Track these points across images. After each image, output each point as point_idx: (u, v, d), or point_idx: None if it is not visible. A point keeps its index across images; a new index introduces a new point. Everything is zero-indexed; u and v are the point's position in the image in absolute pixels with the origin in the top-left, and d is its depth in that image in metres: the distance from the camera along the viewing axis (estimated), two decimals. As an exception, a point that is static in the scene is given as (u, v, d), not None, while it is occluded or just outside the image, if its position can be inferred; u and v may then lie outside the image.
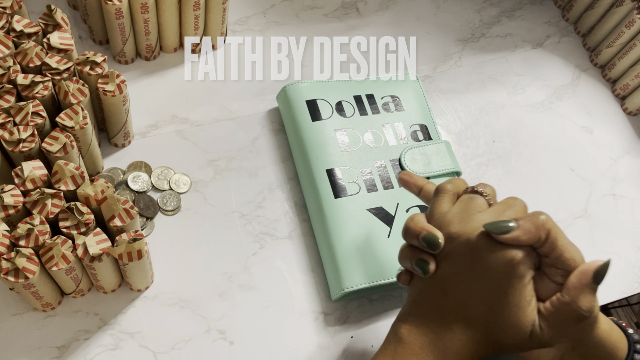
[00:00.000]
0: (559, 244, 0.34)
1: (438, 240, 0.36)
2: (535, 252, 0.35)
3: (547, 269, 0.35)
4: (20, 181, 0.40)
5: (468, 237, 0.35)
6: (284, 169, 0.55)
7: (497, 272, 0.34)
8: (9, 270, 0.38)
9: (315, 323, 0.48)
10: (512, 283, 0.34)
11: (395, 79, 0.59)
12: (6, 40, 0.43)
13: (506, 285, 0.34)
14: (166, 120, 0.55)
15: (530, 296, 0.34)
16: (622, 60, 0.65)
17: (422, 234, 0.36)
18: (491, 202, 0.38)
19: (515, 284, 0.34)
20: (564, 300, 0.33)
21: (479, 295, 0.35)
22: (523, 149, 0.61)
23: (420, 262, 0.36)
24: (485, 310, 0.34)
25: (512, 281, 0.34)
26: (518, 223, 0.34)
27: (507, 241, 0.34)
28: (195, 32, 0.57)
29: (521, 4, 0.72)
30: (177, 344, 0.45)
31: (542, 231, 0.34)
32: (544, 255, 0.35)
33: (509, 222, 0.34)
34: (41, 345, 0.44)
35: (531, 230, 0.34)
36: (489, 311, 0.34)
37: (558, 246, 0.34)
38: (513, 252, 0.34)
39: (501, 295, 0.34)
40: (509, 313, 0.34)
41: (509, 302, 0.34)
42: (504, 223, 0.34)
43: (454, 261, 0.36)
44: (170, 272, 0.48)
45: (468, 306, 0.35)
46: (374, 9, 0.67)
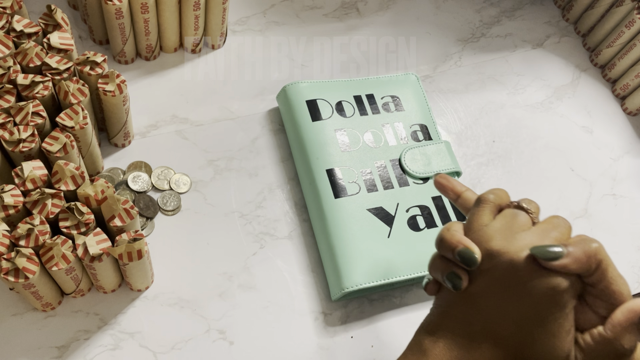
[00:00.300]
0: (608, 275, 0.32)
1: (475, 257, 0.33)
2: (581, 280, 0.33)
3: (590, 299, 0.33)
4: (20, 181, 0.40)
5: (511, 258, 0.33)
6: (284, 169, 0.55)
7: (538, 298, 0.32)
8: (9, 270, 0.38)
9: (315, 323, 0.48)
10: (552, 311, 0.32)
11: (395, 79, 0.59)
12: (6, 40, 0.43)
13: (545, 312, 0.32)
14: (166, 120, 0.55)
15: (570, 326, 0.32)
16: (622, 60, 0.65)
17: (458, 248, 0.34)
18: (535, 221, 0.35)
19: (556, 313, 0.32)
20: (607, 336, 0.32)
21: (513, 316, 0.33)
22: (523, 149, 0.61)
23: (452, 276, 0.34)
24: (517, 332, 0.32)
25: (553, 309, 0.32)
26: (568, 250, 0.32)
27: (555, 268, 0.32)
28: (195, 32, 0.57)
29: (521, 4, 0.72)
30: (177, 344, 0.45)
31: (592, 261, 0.32)
32: (590, 285, 0.32)
33: (558, 247, 0.32)
34: (41, 345, 0.44)
35: (582, 259, 0.32)
36: (522, 333, 0.32)
37: (607, 278, 0.32)
38: (558, 280, 0.32)
39: (539, 322, 0.32)
40: (546, 341, 0.32)
41: (547, 330, 0.32)
42: (553, 248, 0.32)
43: (492, 279, 0.33)
44: (171, 272, 0.48)
45: (500, 325, 0.33)
46: (374, 9, 0.67)
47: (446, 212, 0.52)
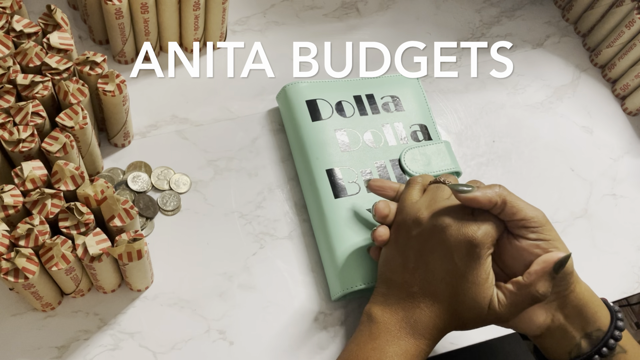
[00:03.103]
0: (517, 206, 0.38)
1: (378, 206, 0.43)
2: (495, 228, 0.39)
3: (516, 231, 0.39)
4: (20, 181, 0.40)
5: (434, 222, 0.39)
6: (284, 169, 0.55)
7: (457, 253, 0.38)
8: (9, 270, 0.38)
9: (315, 323, 0.48)
10: (469, 264, 0.38)
11: (395, 79, 0.59)
12: (6, 40, 0.43)
13: (464, 266, 0.38)
14: (166, 120, 0.55)
15: (487, 273, 0.38)
16: (622, 60, 0.65)
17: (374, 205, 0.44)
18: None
19: (472, 264, 0.38)
20: (524, 283, 0.38)
21: (441, 274, 0.39)
22: (523, 149, 0.61)
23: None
24: (446, 288, 0.38)
25: (470, 262, 0.38)
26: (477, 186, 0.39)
27: (467, 201, 0.38)
28: (195, 32, 0.57)
29: (521, 4, 0.72)
30: (177, 344, 0.45)
31: (498, 196, 0.38)
32: (508, 220, 0.39)
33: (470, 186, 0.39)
34: (41, 345, 0.44)
35: (487, 193, 0.38)
36: (449, 288, 0.38)
37: (518, 208, 0.38)
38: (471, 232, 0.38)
39: (460, 275, 0.38)
40: (470, 290, 0.38)
41: (468, 280, 0.38)
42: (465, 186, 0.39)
43: (420, 243, 0.40)
44: (170, 272, 0.48)
45: (432, 284, 0.39)
46: (374, 9, 0.67)
47: (446, 212, 0.52)
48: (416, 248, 0.40)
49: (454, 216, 0.39)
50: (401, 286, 0.40)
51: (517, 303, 0.38)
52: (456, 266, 0.38)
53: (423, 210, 0.40)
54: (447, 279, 0.38)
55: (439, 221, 0.39)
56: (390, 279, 0.41)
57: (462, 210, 0.39)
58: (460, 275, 0.38)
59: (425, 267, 0.39)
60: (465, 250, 0.38)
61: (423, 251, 0.40)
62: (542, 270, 0.38)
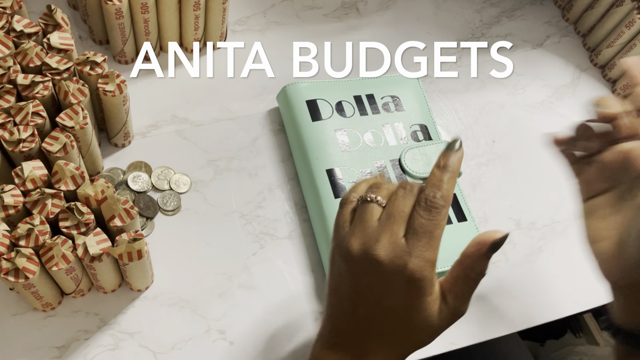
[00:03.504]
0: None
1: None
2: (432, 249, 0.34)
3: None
4: (20, 181, 0.40)
5: (365, 252, 0.34)
6: (284, 169, 0.55)
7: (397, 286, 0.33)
8: (9, 270, 0.38)
9: (315, 323, 0.48)
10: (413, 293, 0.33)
11: (395, 79, 0.59)
12: (6, 40, 0.43)
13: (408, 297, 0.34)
14: (166, 120, 0.55)
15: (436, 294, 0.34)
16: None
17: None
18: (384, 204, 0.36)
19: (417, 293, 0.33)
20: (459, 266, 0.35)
21: (383, 311, 0.34)
22: (523, 149, 0.61)
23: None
24: (393, 323, 0.34)
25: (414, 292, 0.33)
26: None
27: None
28: (195, 32, 0.57)
29: (521, 4, 0.72)
30: (177, 344, 0.45)
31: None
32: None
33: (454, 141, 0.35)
34: (41, 345, 0.44)
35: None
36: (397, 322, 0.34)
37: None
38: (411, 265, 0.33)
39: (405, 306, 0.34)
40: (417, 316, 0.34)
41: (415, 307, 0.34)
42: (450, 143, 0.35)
43: (355, 279, 0.35)
44: (171, 272, 0.48)
45: (376, 324, 0.35)
46: (374, 9, 0.67)
47: (446, 212, 0.52)
48: (351, 285, 0.35)
49: (386, 247, 0.33)
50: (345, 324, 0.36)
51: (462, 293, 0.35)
52: (398, 301, 0.34)
53: (352, 240, 0.35)
54: (390, 315, 0.34)
55: (369, 255, 0.34)
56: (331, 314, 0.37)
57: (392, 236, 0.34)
58: (405, 307, 0.34)
59: (365, 305, 0.35)
60: (405, 285, 0.33)
61: (359, 289, 0.35)
62: (477, 252, 0.34)
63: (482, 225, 0.55)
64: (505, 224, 0.56)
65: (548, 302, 0.53)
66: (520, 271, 0.54)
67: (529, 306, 0.52)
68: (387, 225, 0.34)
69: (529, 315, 0.52)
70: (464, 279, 0.35)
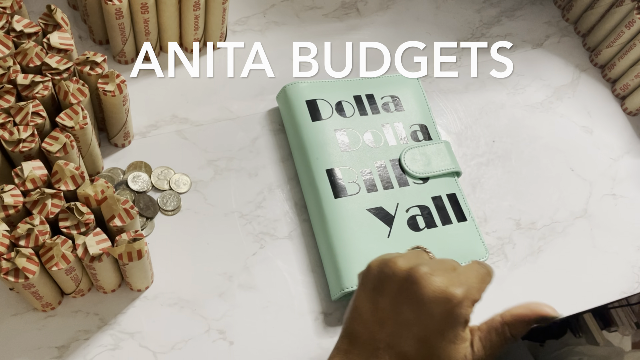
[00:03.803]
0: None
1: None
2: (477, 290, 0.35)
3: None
4: (20, 181, 0.40)
5: (409, 271, 0.35)
6: (284, 169, 0.55)
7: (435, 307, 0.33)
8: (9, 270, 0.38)
9: (315, 323, 0.48)
10: (449, 320, 0.33)
11: (395, 79, 0.59)
12: (6, 40, 0.43)
13: (443, 320, 0.33)
14: (166, 120, 0.55)
15: (467, 334, 0.34)
16: (622, 60, 0.65)
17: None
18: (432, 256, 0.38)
19: (453, 321, 0.33)
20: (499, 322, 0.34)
21: (414, 329, 0.34)
22: (523, 149, 0.61)
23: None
24: (419, 346, 0.33)
25: (449, 318, 0.33)
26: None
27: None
28: (195, 32, 0.57)
29: (521, 4, 0.72)
30: (177, 344, 0.45)
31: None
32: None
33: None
34: (41, 345, 0.44)
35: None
36: (423, 346, 0.33)
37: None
38: (452, 289, 0.33)
39: (438, 329, 0.33)
40: (444, 348, 0.33)
41: (445, 337, 0.33)
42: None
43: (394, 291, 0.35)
44: (170, 272, 0.48)
45: (402, 340, 0.34)
46: (374, 9, 0.67)
47: (446, 212, 0.52)
48: (388, 297, 0.35)
49: (433, 267, 0.34)
50: (366, 342, 0.35)
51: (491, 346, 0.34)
52: (433, 320, 0.33)
53: (400, 259, 0.36)
54: (421, 335, 0.33)
55: (416, 269, 0.34)
56: (354, 331, 0.36)
57: (443, 264, 0.35)
58: (438, 331, 0.33)
59: (395, 319, 0.34)
60: (442, 306, 0.33)
61: (395, 301, 0.34)
62: (524, 316, 0.34)
63: (482, 225, 0.55)
64: (505, 224, 0.56)
65: (548, 302, 0.53)
66: (520, 271, 0.54)
67: (529, 306, 0.52)
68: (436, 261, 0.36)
69: (529, 315, 0.52)
70: (499, 334, 0.34)
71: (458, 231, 0.51)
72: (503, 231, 0.56)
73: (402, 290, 0.34)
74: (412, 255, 0.37)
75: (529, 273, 0.54)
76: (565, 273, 0.55)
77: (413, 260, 0.36)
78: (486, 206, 0.57)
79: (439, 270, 0.35)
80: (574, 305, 0.53)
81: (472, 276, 0.35)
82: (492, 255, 0.54)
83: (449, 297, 0.33)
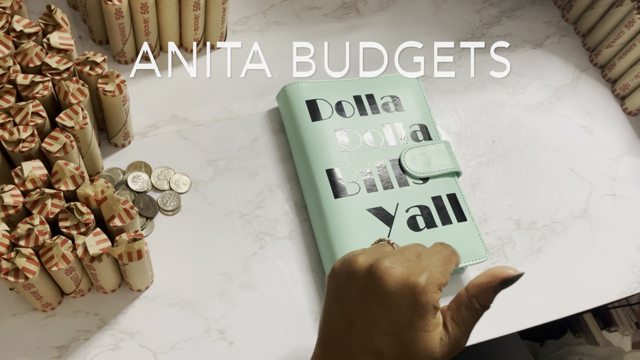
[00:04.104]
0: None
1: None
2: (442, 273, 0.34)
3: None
4: (20, 181, 0.40)
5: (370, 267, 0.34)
6: (284, 169, 0.55)
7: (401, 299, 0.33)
8: (9, 270, 0.38)
9: (315, 323, 0.48)
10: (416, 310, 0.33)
11: (395, 79, 0.59)
12: (6, 40, 0.43)
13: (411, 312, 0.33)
14: (166, 120, 0.55)
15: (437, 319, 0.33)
16: (622, 60, 0.65)
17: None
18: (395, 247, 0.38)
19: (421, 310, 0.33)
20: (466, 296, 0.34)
21: (384, 325, 0.33)
22: (523, 149, 0.61)
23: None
24: (392, 342, 0.33)
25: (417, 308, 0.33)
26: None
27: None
28: (195, 32, 0.57)
29: (521, 4, 0.72)
30: (177, 344, 0.45)
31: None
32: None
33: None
34: (41, 345, 0.44)
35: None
36: (396, 341, 0.33)
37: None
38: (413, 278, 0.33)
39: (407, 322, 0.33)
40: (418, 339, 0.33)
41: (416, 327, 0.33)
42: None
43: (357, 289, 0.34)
44: (171, 272, 0.48)
45: (374, 339, 0.33)
46: (374, 9, 0.67)
47: (446, 212, 0.52)
48: (353, 296, 0.34)
49: (393, 259, 0.34)
50: (339, 345, 0.34)
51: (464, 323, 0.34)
52: (401, 313, 0.32)
53: (360, 257, 0.35)
54: (391, 330, 0.33)
55: (376, 264, 0.34)
56: (326, 336, 0.35)
57: (404, 253, 0.35)
58: (407, 323, 0.32)
59: (364, 318, 0.33)
60: (407, 297, 0.32)
61: (361, 300, 0.34)
62: (487, 284, 0.34)
63: (482, 226, 0.56)
64: (505, 224, 0.56)
65: (548, 302, 0.53)
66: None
67: (529, 306, 0.52)
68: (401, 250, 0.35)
69: (529, 315, 0.52)
70: (468, 308, 0.34)
71: (458, 231, 0.51)
72: (503, 231, 0.56)
73: (366, 288, 0.34)
74: (372, 250, 0.36)
75: (529, 273, 0.54)
76: (565, 273, 0.55)
77: (374, 255, 0.35)
78: (486, 206, 0.57)
79: (399, 261, 0.34)
80: (574, 305, 0.53)
81: (434, 260, 0.34)
82: (492, 255, 0.54)
83: (411, 287, 0.33)
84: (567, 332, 0.99)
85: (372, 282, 0.34)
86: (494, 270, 0.34)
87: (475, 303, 0.34)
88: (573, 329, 0.99)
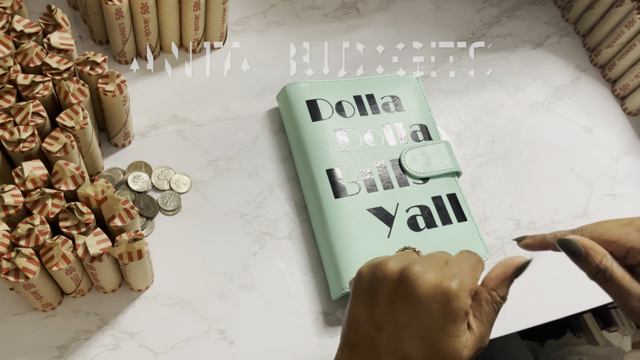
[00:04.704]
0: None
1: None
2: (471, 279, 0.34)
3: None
4: (21, 181, 0.40)
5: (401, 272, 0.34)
6: (284, 169, 0.55)
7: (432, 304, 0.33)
8: (9, 270, 0.38)
9: (315, 323, 0.48)
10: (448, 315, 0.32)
11: (395, 79, 0.59)
12: (6, 40, 0.43)
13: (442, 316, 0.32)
14: (166, 120, 0.55)
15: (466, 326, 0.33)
16: (622, 60, 0.65)
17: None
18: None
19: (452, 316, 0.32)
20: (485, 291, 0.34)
21: (414, 330, 0.33)
22: (523, 149, 0.61)
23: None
24: (422, 346, 0.33)
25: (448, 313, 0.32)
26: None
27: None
28: (195, 32, 0.57)
29: (521, 4, 0.72)
30: (177, 344, 0.45)
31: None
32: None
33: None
34: (41, 345, 0.44)
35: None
36: (426, 345, 0.33)
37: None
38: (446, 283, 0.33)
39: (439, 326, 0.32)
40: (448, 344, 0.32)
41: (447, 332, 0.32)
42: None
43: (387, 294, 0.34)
44: (171, 272, 0.48)
45: (403, 344, 0.33)
46: (374, 9, 0.67)
47: (446, 212, 0.52)
48: (384, 300, 0.34)
49: (424, 264, 0.34)
50: (367, 350, 0.34)
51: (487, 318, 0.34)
52: (433, 319, 0.32)
53: (390, 262, 0.35)
54: (422, 334, 0.32)
55: (408, 269, 0.33)
56: (353, 341, 0.35)
57: (433, 259, 0.35)
58: (438, 328, 0.32)
59: (394, 324, 0.33)
60: (439, 302, 0.32)
61: (391, 304, 0.34)
62: (503, 275, 0.34)
63: (482, 225, 0.56)
64: (505, 224, 0.56)
65: (548, 302, 0.53)
66: (520, 271, 0.54)
67: (529, 306, 0.52)
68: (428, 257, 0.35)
69: (529, 315, 0.52)
70: (489, 302, 0.34)
71: (458, 231, 0.51)
72: (503, 231, 0.56)
73: (397, 292, 0.34)
74: (401, 256, 0.36)
75: (529, 273, 0.54)
76: (565, 273, 0.55)
77: (404, 261, 0.35)
78: (486, 206, 0.57)
79: (430, 266, 0.34)
80: (574, 305, 0.53)
81: (464, 266, 0.34)
82: (492, 255, 0.54)
83: (444, 292, 0.32)
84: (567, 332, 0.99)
85: (403, 287, 0.33)
86: (505, 262, 0.35)
87: (496, 296, 0.34)
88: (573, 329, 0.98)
